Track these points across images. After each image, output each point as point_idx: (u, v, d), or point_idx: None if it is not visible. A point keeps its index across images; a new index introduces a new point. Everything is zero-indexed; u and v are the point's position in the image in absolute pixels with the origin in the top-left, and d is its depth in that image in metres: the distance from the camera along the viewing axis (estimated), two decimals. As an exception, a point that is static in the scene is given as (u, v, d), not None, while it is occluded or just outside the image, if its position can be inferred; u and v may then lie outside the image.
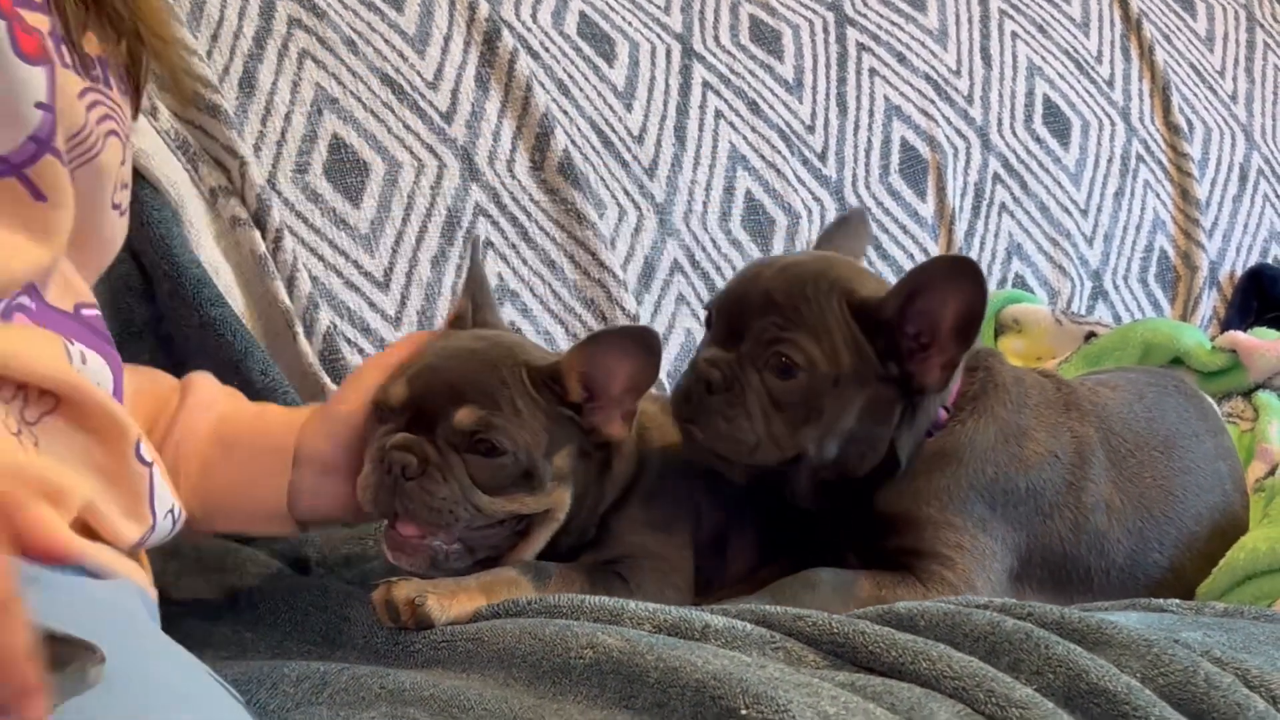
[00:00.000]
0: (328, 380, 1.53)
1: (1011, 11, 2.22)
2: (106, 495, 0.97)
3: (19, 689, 0.65)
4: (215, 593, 1.30)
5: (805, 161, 1.99)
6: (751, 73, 1.99)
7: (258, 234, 1.54)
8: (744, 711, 0.94)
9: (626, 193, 1.84)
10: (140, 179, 1.47)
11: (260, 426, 1.24)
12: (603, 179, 1.82)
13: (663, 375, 1.78)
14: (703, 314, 1.37)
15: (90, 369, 1.00)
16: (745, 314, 1.30)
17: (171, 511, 1.04)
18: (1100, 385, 1.49)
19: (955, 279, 1.25)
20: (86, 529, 0.97)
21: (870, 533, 1.31)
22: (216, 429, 1.23)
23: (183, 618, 1.26)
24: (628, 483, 1.30)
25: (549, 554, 1.26)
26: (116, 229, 1.07)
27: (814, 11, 2.07)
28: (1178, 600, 1.27)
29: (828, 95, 2.04)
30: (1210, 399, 1.61)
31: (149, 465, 1.00)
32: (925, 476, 1.31)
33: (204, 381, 1.27)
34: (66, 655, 0.71)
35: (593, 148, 1.83)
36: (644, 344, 1.23)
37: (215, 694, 0.90)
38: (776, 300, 1.28)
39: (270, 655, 1.19)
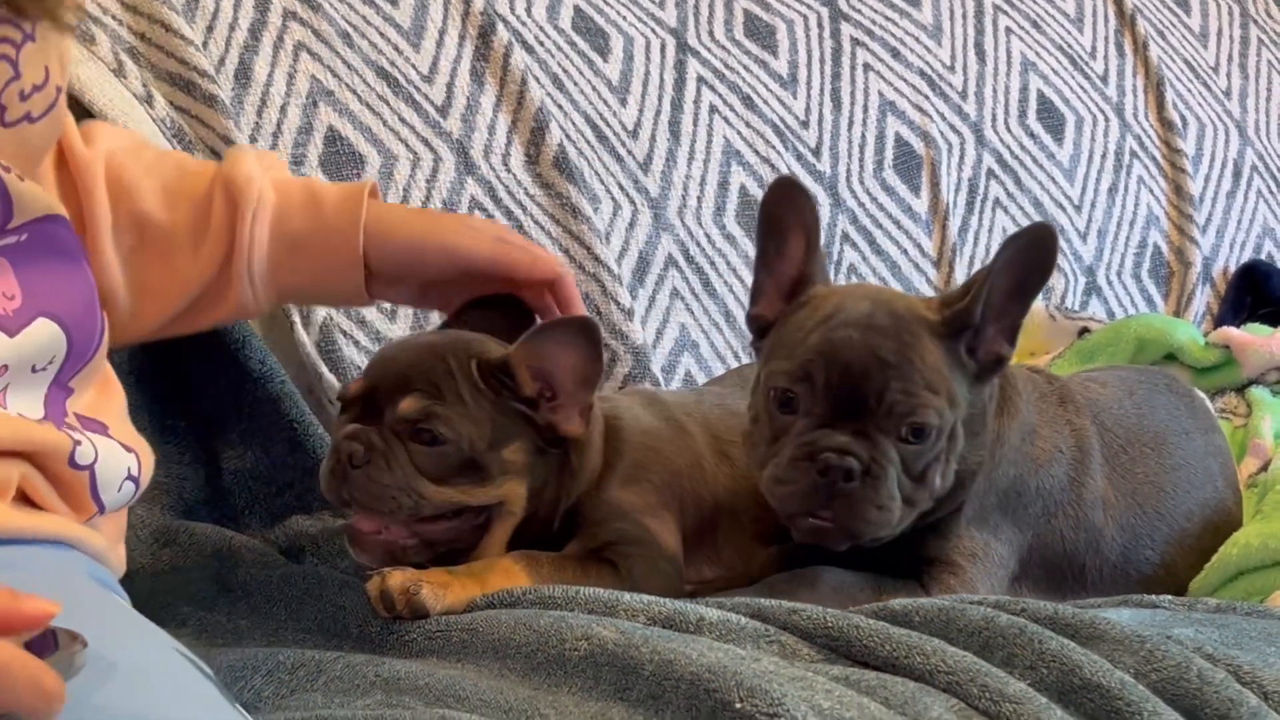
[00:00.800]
0: (325, 370, 1.53)
1: (1005, 7, 2.23)
2: (43, 484, 0.97)
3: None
4: (210, 580, 1.30)
5: (799, 157, 1.99)
6: (746, 68, 1.99)
7: (253, 224, 1.54)
8: (738, 705, 0.94)
9: (621, 187, 1.84)
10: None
11: (322, 226, 1.26)
12: (597, 173, 1.82)
13: (657, 370, 1.78)
14: (772, 393, 1.24)
15: (16, 368, 0.97)
16: (859, 384, 1.21)
17: (129, 476, 1.03)
18: (1089, 381, 1.49)
19: (1025, 246, 1.22)
20: (30, 501, 0.97)
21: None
22: (276, 231, 1.26)
23: (177, 604, 1.27)
24: (597, 473, 1.30)
25: (523, 546, 1.26)
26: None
27: (808, 6, 2.07)
28: (1170, 596, 1.27)
29: (822, 90, 2.04)
30: (1203, 396, 1.61)
31: (88, 468, 0.99)
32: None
33: (242, 175, 1.26)
34: (50, 642, 0.71)
35: (587, 142, 1.83)
36: (584, 334, 1.22)
37: (179, 668, 0.88)
38: (890, 361, 1.20)
39: (265, 643, 1.19)
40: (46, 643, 0.71)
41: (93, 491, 0.99)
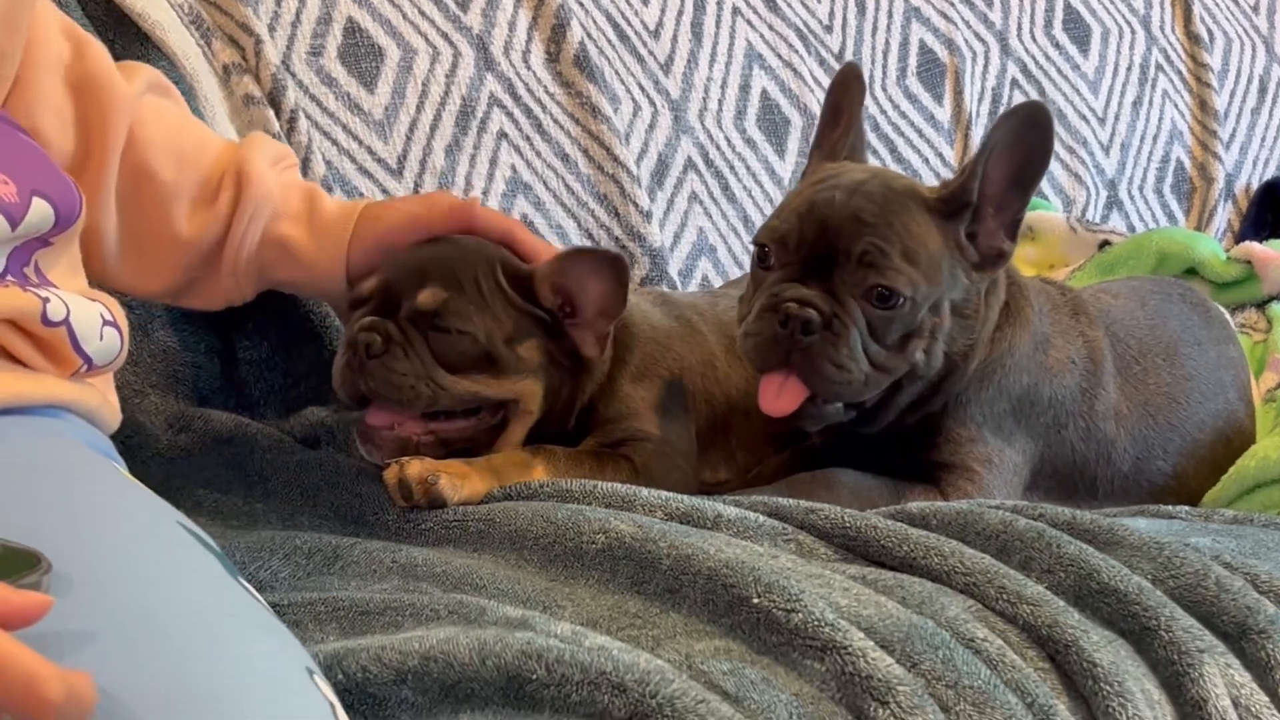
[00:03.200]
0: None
1: (1034, -86, 2.20)
2: (23, 343, 0.96)
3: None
4: (226, 465, 1.30)
5: (822, 62, 1.97)
6: (769, -31, 1.97)
7: (272, 113, 1.53)
8: (756, 600, 0.94)
9: (641, 88, 1.82)
10: (157, 51, 1.45)
11: (316, 229, 1.28)
12: (618, 73, 1.80)
13: (674, 274, 1.77)
14: (752, 248, 1.27)
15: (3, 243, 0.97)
16: (833, 241, 1.21)
17: (105, 321, 1.01)
18: (1102, 293, 1.48)
19: (1015, 125, 1.21)
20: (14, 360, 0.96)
21: (899, 441, 1.30)
22: (270, 231, 1.27)
23: (193, 488, 1.27)
24: (606, 370, 1.30)
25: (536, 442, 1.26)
26: None
27: (834, -91, 2.04)
28: (1186, 507, 1.27)
29: (847, -6, 2.02)
30: (1220, 308, 1.60)
31: (63, 323, 0.97)
32: (975, 386, 1.29)
33: (254, 170, 1.27)
34: (13, 567, 0.70)
35: (608, 41, 1.81)
36: (615, 269, 1.23)
37: (179, 540, 0.86)
38: (868, 220, 1.20)
39: (281, 527, 1.20)
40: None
41: (74, 344, 0.97)
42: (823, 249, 1.21)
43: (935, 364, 1.24)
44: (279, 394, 1.48)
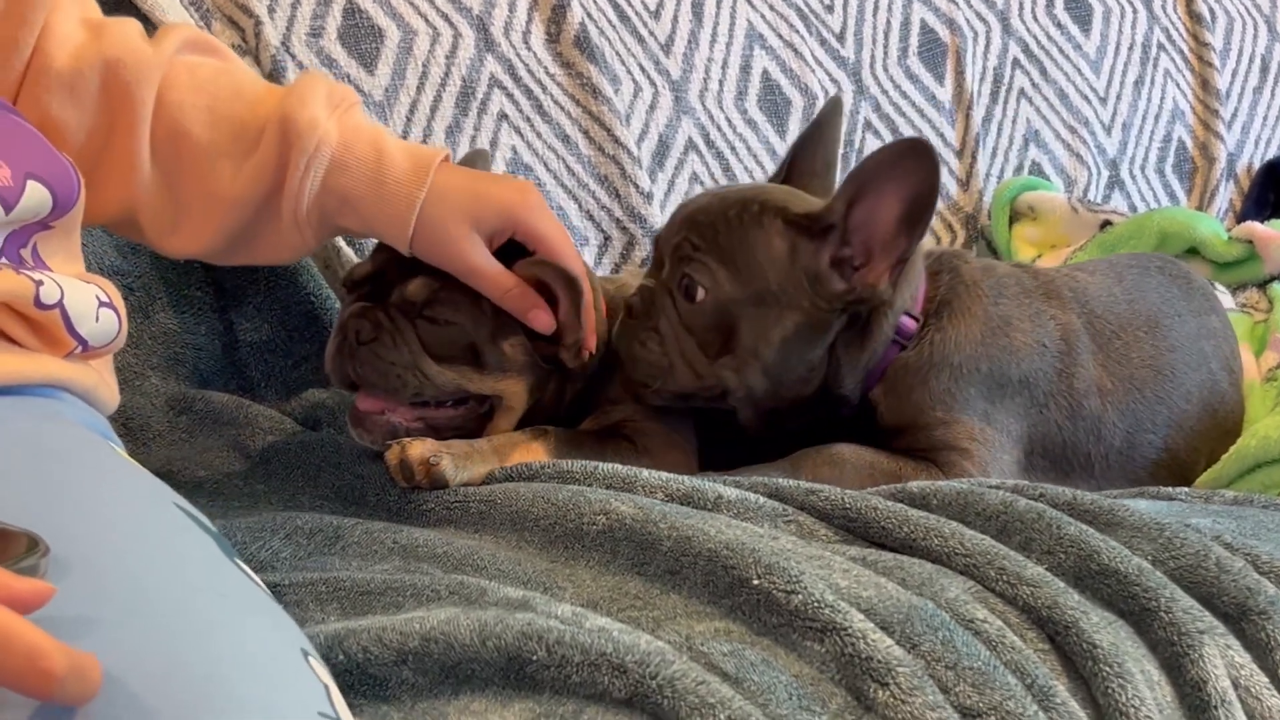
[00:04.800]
0: (343, 244, 1.52)
1: (1035, -106, 2.19)
2: (17, 324, 0.96)
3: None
4: (227, 447, 1.31)
5: (823, 42, 1.96)
6: (770, -51, 1.96)
7: (272, 95, 1.53)
8: (756, 581, 0.94)
9: (642, 69, 1.82)
10: (157, 32, 1.45)
11: (382, 189, 1.21)
12: (618, 54, 1.80)
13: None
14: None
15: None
16: (668, 239, 1.30)
17: (102, 302, 1.00)
18: (1077, 271, 1.49)
19: (901, 162, 1.21)
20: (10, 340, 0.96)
21: (882, 438, 1.30)
22: (330, 182, 1.21)
23: (194, 470, 1.28)
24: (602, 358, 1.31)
25: (534, 424, 1.27)
26: None
27: (836, -111, 2.04)
28: (1186, 489, 1.27)
29: (847, -26, 2.01)
30: (1204, 279, 1.60)
31: (56, 306, 0.96)
32: (922, 387, 1.30)
33: (304, 118, 1.21)
34: (11, 549, 0.69)
35: (609, 22, 1.80)
36: (569, 289, 1.23)
37: (174, 521, 0.85)
38: (697, 221, 1.27)
39: (282, 508, 1.20)
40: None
41: (68, 326, 0.97)
42: (661, 247, 1.31)
43: (754, 388, 1.27)
44: (279, 376, 1.48)
